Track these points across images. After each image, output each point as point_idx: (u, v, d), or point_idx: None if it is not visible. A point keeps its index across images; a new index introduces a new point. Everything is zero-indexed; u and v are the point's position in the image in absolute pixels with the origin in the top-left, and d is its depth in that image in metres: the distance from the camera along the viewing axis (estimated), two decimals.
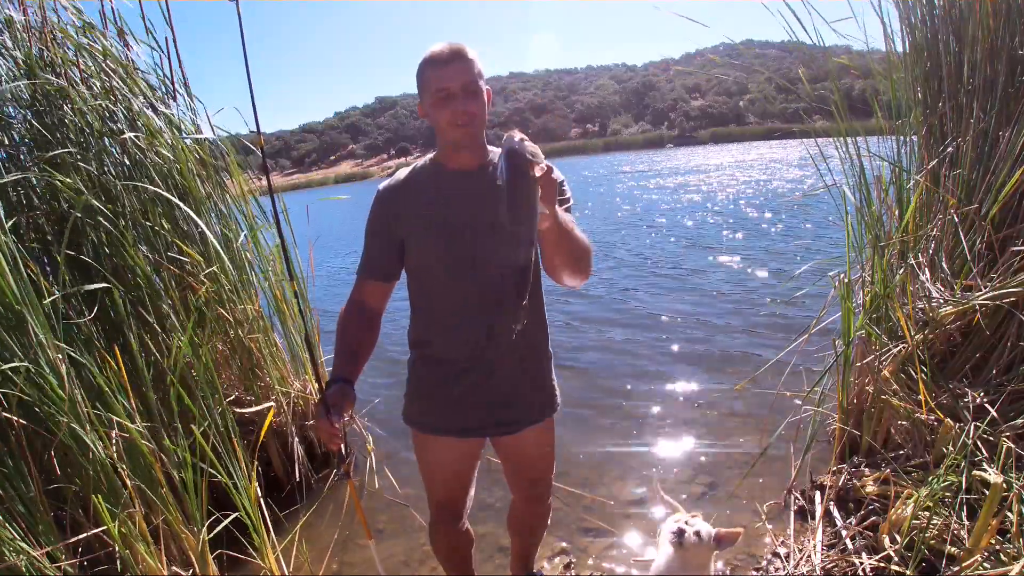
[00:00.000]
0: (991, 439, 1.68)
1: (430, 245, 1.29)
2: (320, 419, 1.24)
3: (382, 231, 1.32)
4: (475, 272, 1.27)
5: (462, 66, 1.17)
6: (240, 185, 2.64)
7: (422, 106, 1.24)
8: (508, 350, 1.32)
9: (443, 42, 1.20)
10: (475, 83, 1.19)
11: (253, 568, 1.85)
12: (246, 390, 2.56)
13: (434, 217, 1.28)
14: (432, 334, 1.36)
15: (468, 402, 1.35)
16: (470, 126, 1.20)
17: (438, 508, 1.52)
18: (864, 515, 1.83)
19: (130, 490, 1.59)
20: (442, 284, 1.31)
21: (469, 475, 1.51)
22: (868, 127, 2.44)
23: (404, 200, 1.31)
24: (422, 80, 1.21)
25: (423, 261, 1.32)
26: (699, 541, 1.46)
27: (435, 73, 1.18)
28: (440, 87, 1.17)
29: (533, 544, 1.76)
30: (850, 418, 2.15)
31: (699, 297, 5.25)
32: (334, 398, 1.25)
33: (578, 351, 4.18)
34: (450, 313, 1.32)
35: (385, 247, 1.33)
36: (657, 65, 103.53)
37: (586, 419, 3.14)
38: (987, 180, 2.01)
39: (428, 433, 1.42)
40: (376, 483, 2.61)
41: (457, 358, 1.33)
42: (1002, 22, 2.03)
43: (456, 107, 1.18)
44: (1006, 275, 1.89)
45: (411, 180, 1.32)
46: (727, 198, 12.60)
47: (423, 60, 1.20)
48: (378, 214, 1.33)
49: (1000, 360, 1.93)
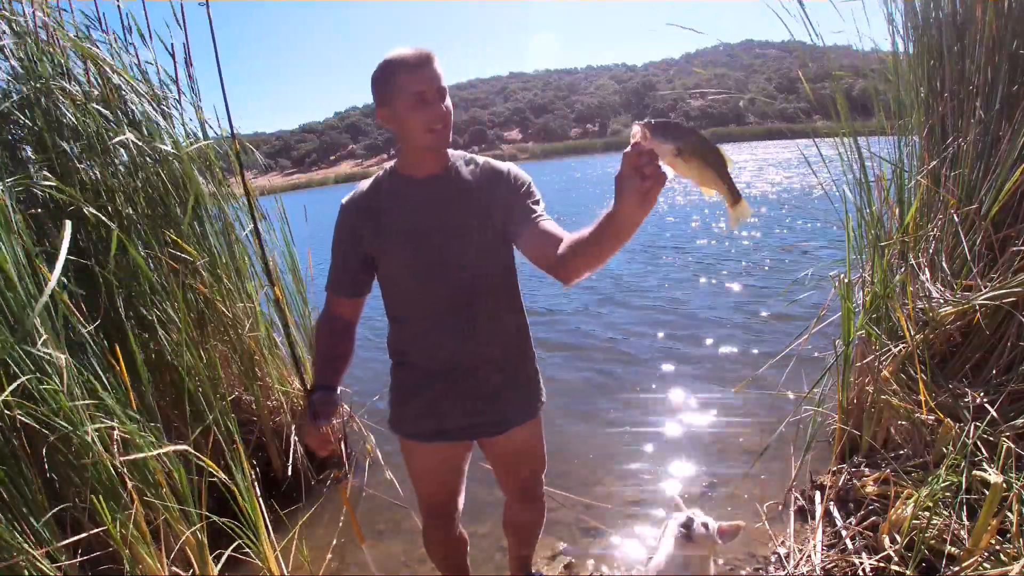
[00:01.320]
0: (991, 439, 1.68)
1: (399, 254, 1.28)
2: (308, 427, 1.24)
3: (349, 246, 1.32)
4: (447, 277, 1.27)
5: (434, 69, 1.16)
6: (245, 184, 2.65)
7: (387, 111, 1.20)
8: (486, 352, 1.32)
9: (408, 47, 1.17)
10: (444, 87, 1.18)
11: (253, 568, 1.85)
12: (245, 390, 2.56)
13: (401, 225, 1.26)
14: (409, 342, 1.35)
15: (450, 407, 1.34)
16: (445, 129, 1.19)
17: (428, 513, 1.53)
18: (864, 515, 1.83)
19: (130, 490, 1.59)
20: (414, 291, 1.30)
21: (458, 479, 1.50)
22: (869, 127, 2.44)
23: (369, 212, 1.29)
24: (391, 84, 1.17)
25: (393, 270, 1.31)
26: (705, 533, 1.46)
27: (409, 76, 1.15)
28: (416, 90, 1.15)
29: (530, 544, 1.76)
30: (850, 418, 2.14)
31: (699, 297, 5.25)
32: (319, 404, 1.26)
33: (578, 351, 4.18)
34: (424, 319, 1.31)
35: (352, 262, 1.32)
36: (657, 65, 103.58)
37: (585, 420, 3.13)
38: (987, 180, 2.01)
39: (413, 440, 1.41)
40: (376, 483, 2.61)
41: (435, 364, 1.32)
42: (1004, 22, 2.03)
43: (433, 110, 1.16)
44: (1006, 275, 1.89)
45: (374, 191, 1.31)
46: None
47: (389, 64, 1.17)
48: (344, 228, 1.32)
49: (1000, 360, 1.93)
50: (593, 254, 1.03)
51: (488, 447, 1.47)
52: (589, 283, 6.05)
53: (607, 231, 0.95)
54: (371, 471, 2.75)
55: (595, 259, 1.05)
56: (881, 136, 2.41)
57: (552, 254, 1.15)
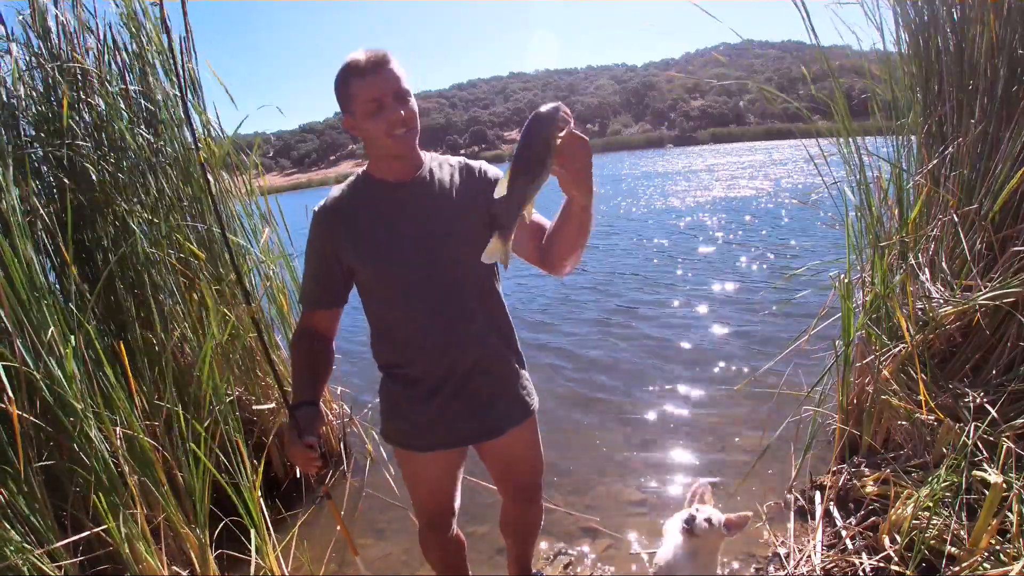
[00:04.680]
0: (991, 439, 1.68)
1: (377, 262, 1.23)
2: (293, 444, 1.20)
3: (324, 256, 1.27)
4: (430, 283, 1.23)
5: (389, 73, 1.12)
6: (248, 183, 2.66)
7: (348, 118, 1.18)
8: (476, 357, 1.29)
9: (360, 50, 1.14)
10: (404, 89, 1.14)
11: (253, 568, 1.85)
12: (247, 390, 2.56)
13: (378, 234, 1.22)
14: (396, 352, 1.31)
15: (444, 415, 1.31)
16: (408, 132, 1.16)
17: (425, 518, 1.52)
18: (864, 515, 1.83)
19: (132, 488, 1.59)
20: (398, 301, 1.26)
21: (453, 484, 1.49)
22: (868, 127, 2.44)
23: (344, 221, 1.25)
24: (346, 92, 1.14)
25: (373, 281, 1.27)
26: (710, 528, 1.46)
27: (361, 83, 1.12)
28: (371, 96, 1.11)
29: (529, 545, 1.75)
30: (850, 418, 2.14)
31: (699, 297, 5.25)
32: (304, 421, 1.22)
33: (577, 351, 4.18)
34: (409, 328, 1.27)
35: (328, 273, 1.27)
36: (657, 65, 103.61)
37: (585, 420, 3.13)
38: (987, 180, 2.01)
39: (408, 450, 1.39)
40: (376, 484, 2.61)
41: (425, 374, 1.29)
42: (1002, 22, 2.03)
43: (391, 116, 1.13)
44: (1006, 275, 1.89)
45: (348, 198, 1.26)
46: (726, 198, 12.60)
47: (344, 70, 1.14)
48: (318, 238, 1.27)
49: (1000, 360, 1.93)
50: (566, 240, 1.09)
51: (487, 451, 1.45)
52: (589, 283, 6.06)
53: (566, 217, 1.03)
54: (371, 471, 2.76)
55: (568, 245, 1.10)
56: (879, 136, 2.41)
57: (537, 246, 1.16)
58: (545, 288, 5.97)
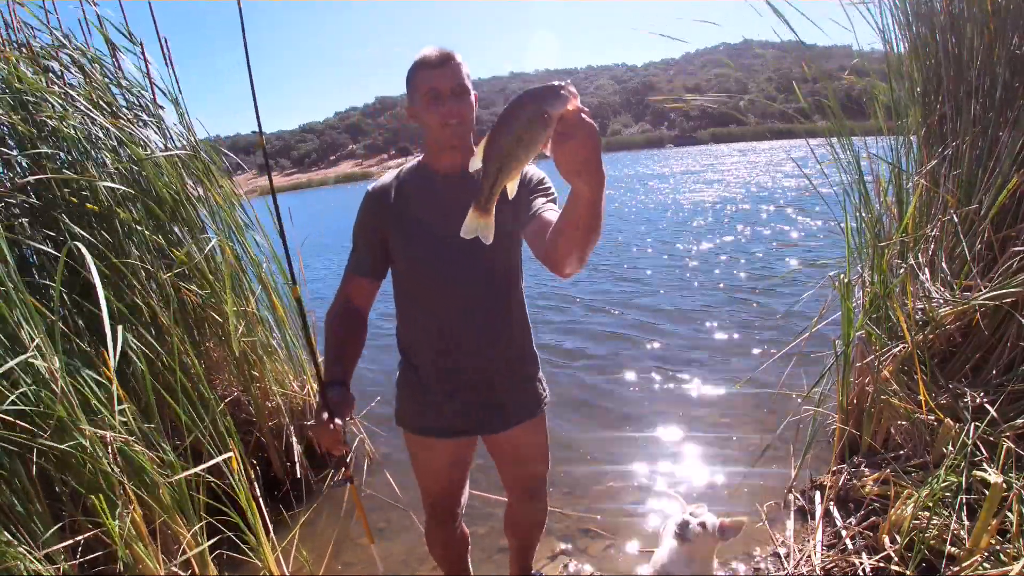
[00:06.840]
0: (991, 439, 1.68)
1: (413, 249, 1.30)
2: (321, 425, 1.23)
3: (369, 231, 1.35)
4: (459, 276, 1.29)
5: (451, 69, 1.20)
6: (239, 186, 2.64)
7: (412, 108, 1.27)
8: (494, 351, 1.34)
9: (433, 46, 1.23)
10: (463, 85, 1.22)
11: (253, 568, 1.85)
12: (244, 391, 2.56)
13: (419, 222, 1.29)
14: (418, 337, 1.38)
15: (456, 403, 1.37)
16: (460, 126, 1.22)
17: (432, 507, 1.55)
18: (864, 515, 1.83)
19: (128, 492, 1.58)
20: (425, 288, 1.33)
21: (462, 475, 1.53)
22: (867, 127, 2.44)
23: (391, 203, 1.32)
24: (413, 82, 1.24)
25: (407, 265, 1.33)
26: (703, 532, 1.46)
27: (426, 74, 1.21)
28: (431, 87, 1.20)
29: (531, 544, 1.76)
30: (850, 418, 2.14)
31: (699, 297, 5.25)
32: (335, 402, 1.25)
33: (577, 351, 4.18)
34: (434, 316, 1.33)
35: (372, 246, 1.35)
36: (657, 65, 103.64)
37: (585, 421, 3.13)
38: (987, 180, 2.00)
39: (419, 435, 1.43)
40: (376, 484, 2.61)
41: (444, 361, 1.34)
42: (1002, 22, 2.02)
43: (446, 107, 1.20)
44: (1006, 275, 1.89)
45: (398, 183, 1.34)
46: (726, 198, 12.60)
47: (414, 63, 1.23)
48: (366, 215, 1.35)
49: (1000, 360, 1.93)
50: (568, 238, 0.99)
51: (495, 444, 1.48)
52: (589, 283, 6.05)
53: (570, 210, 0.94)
54: (371, 472, 2.76)
55: (570, 243, 1.00)
56: (880, 136, 2.41)
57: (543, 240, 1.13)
58: (543, 286, 5.97)
